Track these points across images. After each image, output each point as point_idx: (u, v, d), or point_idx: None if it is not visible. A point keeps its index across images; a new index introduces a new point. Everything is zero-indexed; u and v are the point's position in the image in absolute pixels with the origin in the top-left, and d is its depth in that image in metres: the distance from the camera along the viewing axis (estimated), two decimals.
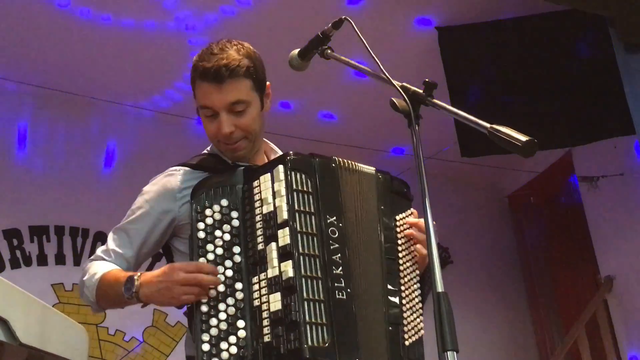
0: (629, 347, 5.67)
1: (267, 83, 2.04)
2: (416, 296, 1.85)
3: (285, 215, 1.69)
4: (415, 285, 1.86)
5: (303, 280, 1.62)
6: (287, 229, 1.67)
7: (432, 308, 1.41)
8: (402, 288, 1.83)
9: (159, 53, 5.02)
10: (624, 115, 4.06)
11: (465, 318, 6.01)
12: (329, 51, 2.01)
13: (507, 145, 1.44)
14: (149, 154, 5.34)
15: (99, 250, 2.01)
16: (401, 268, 1.85)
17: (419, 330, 1.82)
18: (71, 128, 5.49)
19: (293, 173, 1.74)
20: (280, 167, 1.75)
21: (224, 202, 1.78)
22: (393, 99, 1.64)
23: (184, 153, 2.26)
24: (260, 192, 1.76)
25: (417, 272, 1.89)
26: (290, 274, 1.63)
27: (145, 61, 5.12)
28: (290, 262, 1.64)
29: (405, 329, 1.79)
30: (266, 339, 1.62)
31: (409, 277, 1.86)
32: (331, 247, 1.71)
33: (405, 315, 1.80)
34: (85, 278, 1.94)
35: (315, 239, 1.70)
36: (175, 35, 4.83)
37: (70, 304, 5.04)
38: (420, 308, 1.84)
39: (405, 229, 1.90)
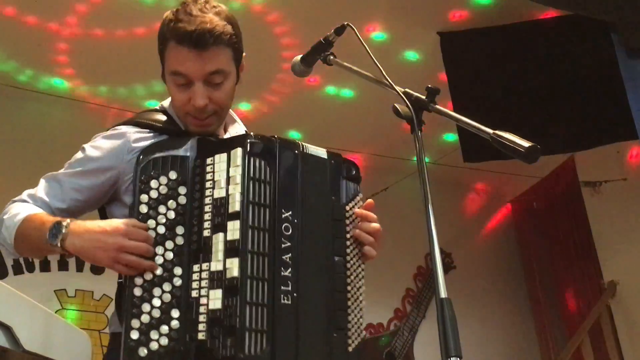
0: (633, 352, 5.66)
1: (244, 53, 1.90)
2: (360, 294, 1.75)
3: (237, 207, 1.58)
4: (360, 282, 1.76)
5: (248, 281, 1.52)
6: (237, 222, 1.56)
7: (435, 313, 1.40)
8: (349, 288, 1.73)
9: None
10: (627, 120, 4.05)
11: (468, 323, 5.99)
12: (332, 57, 2.01)
13: (510, 151, 1.44)
14: None
15: (25, 193, 1.84)
16: (348, 265, 1.75)
17: (361, 333, 1.73)
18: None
19: (252, 159, 1.62)
20: (239, 151, 1.62)
21: (173, 175, 1.65)
22: (396, 105, 1.64)
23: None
24: (213, 173, 1.64)
25: (362, 268, 1.78)
26: (235, 273, 1.53)
27: None
28: (236, 260, 1.54)
29: (349, 333, 1.70)
30: (200, 336, 1.53)
31: (355, 273, 1.75)
32: (282, 246, 1.61)
33: (350, 318, 1.71)
34: (5, 217, 1.78)
35: (266, 235, 1.59)
36: None
37: (73, 310, 5.04)
38: (362, 307, 1.75)
39: (353, 220, 1.79)
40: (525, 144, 1.43)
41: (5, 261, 5.01)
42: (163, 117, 1.88)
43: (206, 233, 1.60)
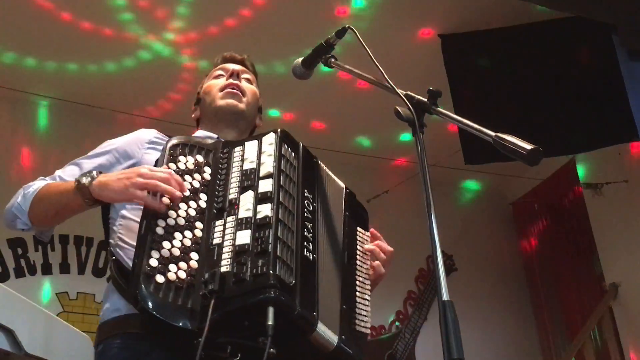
0: (635, 354, 5.65)
1: (261, 113, 2.25)
2: (367, 299, 1.86)
3: (270, 169, 1.65)
4: (367, 290, 1.88)
5: (279, 223, 1.56)
6: (270, 180, 1.63)
7: (436, 315, 1.40)
8: (357, 283, 1.85)
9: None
10: (628, 122, 4.06)
11: (470, 325, 5.99)
12: (333, 60, 2.01)
13: (512, 154, 1.44)
14: None
15: (46, 178, 1.92)
16: (357, 268, 1.88)
17: (366, 327, 1.82)
18: (80, 136, 5.50)
19: (283, 143, 1.73)
20: (272, 134, 1.74)
21: (199, 158, 1.73)
22: (397, 107, 1.64)
23: None
24: (243, 154, 1.72)
25: (369, 282, 1.90)
26: (268, 213, 1.56)
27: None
28: (269, 204, 1.58)
29: (357, 315, 1.79)
30: (224, 269, 1.50)
31: (362, 279, 1.87)
32: (305, 215, 1.70)
33: (357, 306, 1.81)
34: (23, 188, 1.86)
35: (293, 200, 1.67)
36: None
37: (75, 313, 5.04)
38: (369, 314, 1.85)
39: (365, 241, 1.95)
40: (528, 146, 1.43)
41: (6, 264, 5.01)
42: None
43: (232, 195, 1.64)
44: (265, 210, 1.57)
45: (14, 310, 1.48)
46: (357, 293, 1.83)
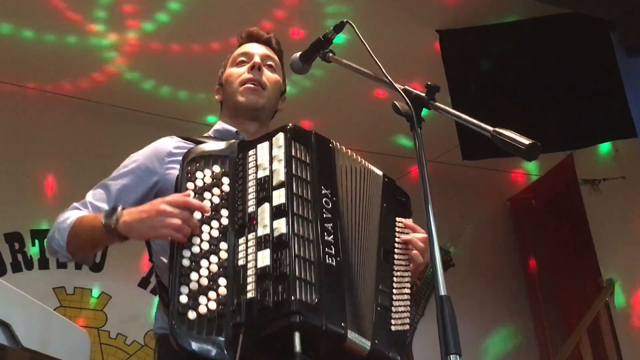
0: (631, 350, 5.66)
1: (285, 93, 2.26)
2: (406, 294, 1.82)
3: (282, 177, 1.65)
4: (406, 285, 1.84)
5: (295, 238, 1.57)
6: (282, 189, 1.64)
7: (434, 312, 1.40)
8: (395, 279, 1.81)
9: None
10: (626, 118, 4.06)
11: (467, 321, 5.99)
12: (331, 54, 2.01)
13: (511, 149, 1.44)
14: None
15: (76, 203, 1.98)
16: (395, 263, 1.84)
17: (404, 324, 1.79)
18: (73, 131, 5.49)
19: (293, 142, 1.72)
20: (281, 135, 1.73)
21: (216, 169, 1.74)
22: (395, 102, 1.64)
23: None
24: (256, 159, 1.73)
25: (409, 274, 1.87)
26: (283, 230, 1.58)
27: None
28: (283, 219, 1.59)
29: (393, 315, 1.76)
30: (249, 295, 1.55)
31: (400, 273, 1.84)
32: (324, 216, 1.68)
33: (394, 303, 1.78)
34: (58, 221, 1.91)
35: (309, 204, 1.66)
36: None
37: (72, 308, 5.04)
38: (408, 308, 1.82)
39: (403, 232, 1.90)
40: (526, 141, 1.43)
41: (3, 258, 5.01)
42: (210, 139, 2.04)
43: (251, 209, 1.66)
44: (281, 226, 1.59)
45: (10, 304, 1.48)
46: (394, 290, 1.80)
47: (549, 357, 6.44)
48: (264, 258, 1.57)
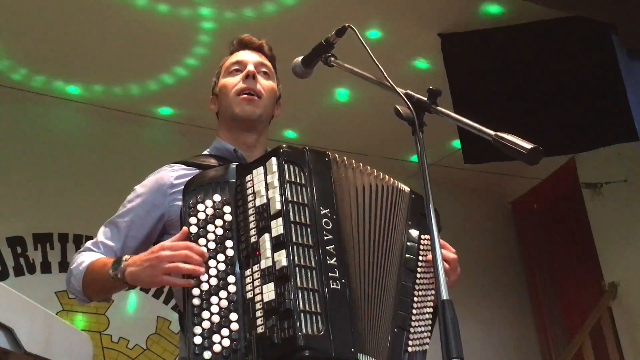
0: (634, 353, 5.65)
1: (280, 99, 2.24)
2: (427, 314, 1.83)
3: (278, 206, 1.67)
4: (428, 304, 1.85)
5: (297, 269, 1.60)
6: (280, 219, 1.65)
7: (437, 316, 1.41)
8: (415, 299, 1.82)
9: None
10: (628, 122, 4.06)
11: (469, 325, 5.99)
12: (333, 59, 2.01)
13: (512, 153, 1.44)
14: (158, 159, 5.32)
15: (88, 243, 2.01)
16: (417, 282, 1.85)
17: (423, 344, 1.79)
18: (72, 133, 5.50)
19: (286, 165, 1.73)
20: (273, 160, 1.74)
21: (217, 198, 1.76)
22: (397, 106, 1.64)
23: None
24: (253, 186, 1.76)
25: (432, 293, 1.86)
26: (284, 263, 1.60)
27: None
28: (283, 251, 1.62)
29: (411, 336, 1.77)
30: (259, 330, 1.59)
31: (422, 292, 1.84)
32: (325, 238, 1.69)
33: (413, 324, 1.79)
34: (72, 267, 1.95)
35: (309, 229, 1.68)
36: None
37: (74, 312, 5.04)
38: (429, 328, 1.82)
39: (429, 249, 1.89)
40: (528, 145, 1.43)
41: (5, 262, 5.01)
42: (210, 158, 2.08)
43: (253, 239, 1.69)
44: (282, 259, 1.61)
45: (13, 308, 1.49)
46: (414, 310, 1.81)
47: None
48: (269, 292, 1.60)
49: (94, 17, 4.59)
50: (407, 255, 1.86)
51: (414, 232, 1.91)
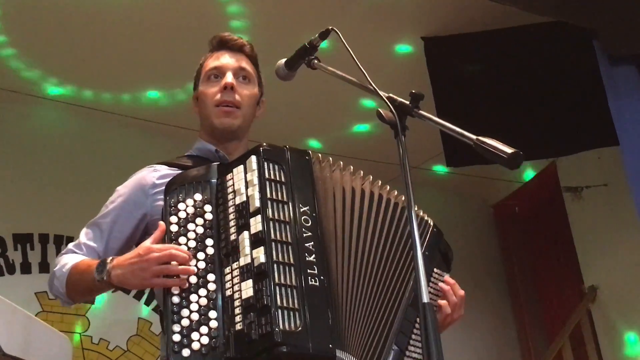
0: (613, 357, 5.70)
1: (263, 98, 2.20)
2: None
3: (257, 204, 1.68)
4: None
5: (275, 265, 1.61)
6: (259, 216, 1.67)
7: None
8: (415, 332, 1.83)
9: None
10: (608, 127, 4.09)
11: (450, 328, 6.00)
12: (316, 61, 2.01)
13: (493, 157, 1.45)
14: (133, 159, 5.30)
15: (71, 245, 2.00)
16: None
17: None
18: (53, 133, 5.46)
19: (266, 163, 1.75)
20: (253, 158, 1.76)
21: (198, 197, 1.77)
22: (379, 109, 1.64)
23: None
24: (233, 184, 1.77)
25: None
26: (262, 259, 1.61)
27: None
28: (262, 248, 1.63)
29: (411, 341, 1.79)
30: (238, 327, 1.59)
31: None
32: (304, 235, 1.70)
33: (409, 348, 1.80)
34: (55, 269, 1.93)
35: (287, 226, 1.69)
36: None
37: (54, 313, 5.00)
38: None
39: (437, 281, 1.98)
40: (508, 150, 1.44)
41: None
42: (192, 159, 2.08)
43: (233, 237, 1.70)
44: (260, 256, 1.62)
45: None
46: (413, 335, 1.83)
47: None
48: (247, 289, 1.61)
49: (79, 18, 4.59)
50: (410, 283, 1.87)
51: (426, 263, 1.88)
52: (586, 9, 4.11)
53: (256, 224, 1.66)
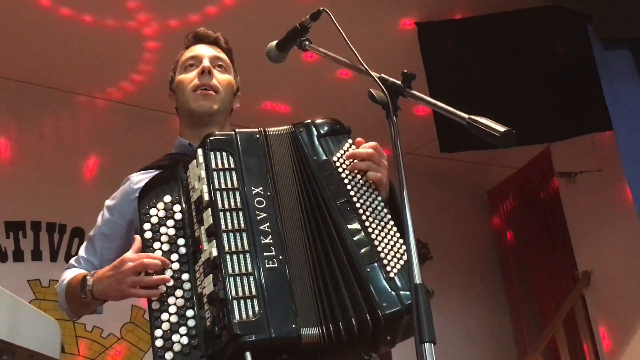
0: (607, 342, 5.72)
1: (239, 92, 2.23)
2: (386, 222, 1.73)
3: (206, 197, 1.71)
4: (381, 213, 1.75)
5: (227, 256, 1.62)
6: (209, 209, 1.69)
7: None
8: (367, 223, 1.71)
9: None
10: (602, 111, 4.08)
11: (444, 313, 6.02)
12: (307, 43, 2.00)
13: (486, 136, 1.43)
14: (123, 148, 5.28)
15: (72, 259, 2.09)
16: (358, 205, 1.74)
17: (402, 255, 1.67)
18: (43, 122, 5.42)
19: (212, 153, 1.76)
20: (199, 151, 1.78)
21: (167, 198, 1.81)
22: (371, 90, 1.63)
23: (157, 146, 2.28)
24: (190, 182, 1.80)
25: (379, 197, 1.78)
26: (214, 253, 1.63)
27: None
28: (214, 241, 1.65)
29: (385, 262, 1.65)
30: (207, 323, 1.62)
31: (370, 208, 1.74)
32: (258, 218, 1.70)
33: (379, 249, 1.67)
34: (57, 285, 2.02)
35: (240, 213, 1.69)
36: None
37: (47, 300, 4.98)
38: (395, 232, 1.72)
39: (348, 165, 1.81)
40: (501, 128, 1.42)
41: None
42: (168, 157, 2.11)
43: (197, 233, 1.73)
44: (213, 249, 1.65)
45: None
46: (373, 233, 1.69)
47: (525, 348, 6.49)
48: (209, 284, 1.63)
49: (34, 28, 4.56)
50: (332, 189, 1.76)
51: (323, 163, 1.81)
52: None
53: (207, 217, 1.69)
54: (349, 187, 1.78)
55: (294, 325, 1.58)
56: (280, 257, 1.66)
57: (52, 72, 5.15)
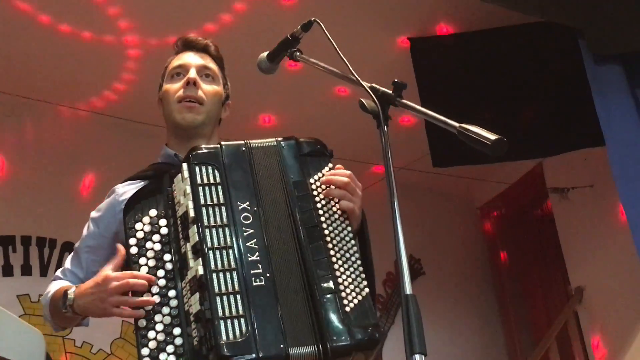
0: (599, 358, 5.70)
1: (229, 100, 2.20)
2: (352, 254, 1.72)
3: (192, 213, 1.67)
4: (348, 244, 1.73)
5: (214, 275, 1.59)
6: (195, 226, 1.65)
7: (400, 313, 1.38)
8: (332, 252, 1.69)
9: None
10: (594, 127, 4.09)
11: (437, 329, 6.00)
12: (298, 53, 1.99)
13: (477, 144, 1.43)
14: (115, 160, 5.25)
15: (58, 271, 2.05)
16: (326, 232, 1.72)
17: (361, 290, 1.67)
18: (36, 135, 5.40)
19: (198, 168, 1.73)
20: (184, 165, 1.74)
21: (153, 212, 1.78)
22: (362, 99, 1.62)
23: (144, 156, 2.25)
24: (176, 195, 1.76)
25: (349, 228, 1.75)
26: (200, 271, 1.60)
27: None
28: (200, 259, 1.62)
29: (344, 294, 1.64)
30: (195, 342, 1.59)
31: (338, 237, 1.73)
32: (245, 234, 1.66)
33: (340, 280, 1.66)
34: (42, 297, 1.99)
35: (226, 229, 1.66)
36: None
37: (36, 316, 4.93)
38: (359, 266, 1.71)
39: (323, 190, 1.78)
40: (492, 136, 1.42)
41: None
42: (153, 168, 2.07)
43: (183, 249, 1.70)
44: (199, 267, 1.61)
45: None
46: (336, 264, 1.68)
47: None
48: (195, 303, 1.61)
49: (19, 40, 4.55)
50: (304, 215, 1.73)
51: (301, 184, 1.78)
52: (571, 8, 4.11)
53: (193, 234, 1.65)
54: (320, 212, 1.76)
55: (282, 345, 1.55)
56: (268, 275, 1.63)
57: (32, 82, 5.11)
